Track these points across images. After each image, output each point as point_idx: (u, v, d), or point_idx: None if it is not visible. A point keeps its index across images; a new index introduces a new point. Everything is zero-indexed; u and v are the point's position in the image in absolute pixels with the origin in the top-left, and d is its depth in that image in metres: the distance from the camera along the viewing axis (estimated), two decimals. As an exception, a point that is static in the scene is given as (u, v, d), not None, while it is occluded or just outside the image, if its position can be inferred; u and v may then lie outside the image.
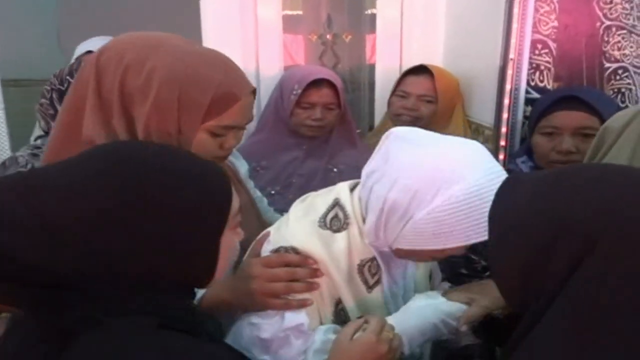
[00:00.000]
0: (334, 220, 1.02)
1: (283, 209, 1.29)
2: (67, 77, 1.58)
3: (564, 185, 0.67)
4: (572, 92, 1.49)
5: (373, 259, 1.03)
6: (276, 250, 1.02)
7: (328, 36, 2.47)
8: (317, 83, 1.75)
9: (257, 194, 1.43)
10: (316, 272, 1.00)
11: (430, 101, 1.89)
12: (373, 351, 0.91)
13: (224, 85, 1.01)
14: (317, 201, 1.08)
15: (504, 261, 0.71)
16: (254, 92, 1.09)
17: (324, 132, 1.81)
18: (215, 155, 1.07)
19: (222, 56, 1.07)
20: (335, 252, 1.00)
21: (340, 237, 1.01)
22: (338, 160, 1.81)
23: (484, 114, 1.90)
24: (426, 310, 1.01)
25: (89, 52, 1.96)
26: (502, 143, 1.77)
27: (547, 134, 1.50)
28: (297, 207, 1.09)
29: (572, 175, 0.69)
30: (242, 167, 1.39)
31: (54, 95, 1.58)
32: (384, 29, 2.27)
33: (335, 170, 1.81)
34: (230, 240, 0.83)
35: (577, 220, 0.63)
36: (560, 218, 0.64)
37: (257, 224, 1.28)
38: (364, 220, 1.01)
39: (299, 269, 1.00)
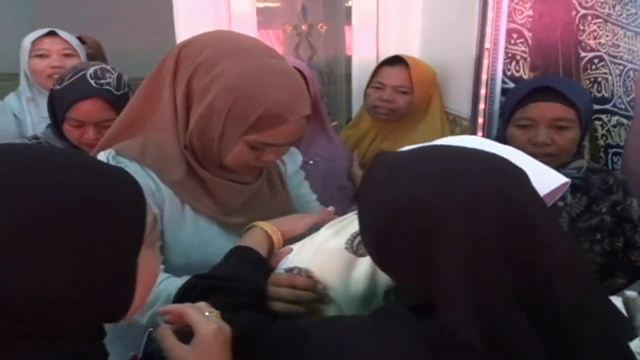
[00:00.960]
0: (361, 244, 0.95)
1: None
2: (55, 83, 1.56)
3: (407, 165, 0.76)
4: (546, 83, 1.47)
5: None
6: (290, 270, 0.98)
7: (303, 27, 2.44)
8: None
9: (300, 191, 1.37)
10: (323, 298, 0.95)
11: (406, 92, 1.87)
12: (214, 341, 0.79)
13: (277, 105, 1.01)
14: (351, 222, 1.01)
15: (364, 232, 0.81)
16: (308, 116, 1.09)
17: None
18: (249, 166, 1.10)
19: (292, 77, 1.06)
20: (354, 277, 0.94)
21: (364, 261, 0.94)
22: (313, 151, 1.78)
23: (460, 105, 1.88)
24: None
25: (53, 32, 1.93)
26: (479, 134, 1.75)
27: (522, 127, 1.48)
28: (330, 226, 1.04)
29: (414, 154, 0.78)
30: (291, 163, 1.35)
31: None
32: (360, 19, 2.24)
33: (311, 162, 1.78)
34: (149, 263, 0.66)
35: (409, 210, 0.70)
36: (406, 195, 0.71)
37: None
38: None
39: (304, 292, 0.94)
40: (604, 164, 1.81)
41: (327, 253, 0.97)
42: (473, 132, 1.75)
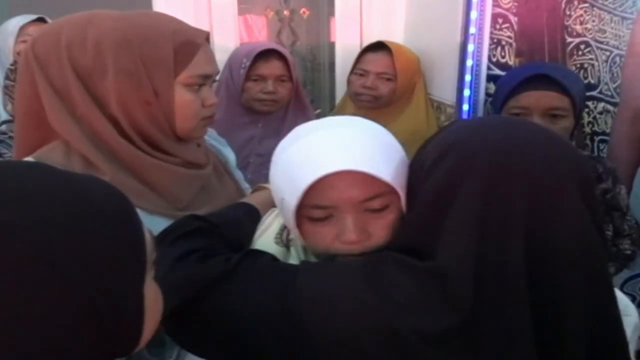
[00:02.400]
0: (289, 238, 0.93)
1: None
2: None
3: (466, 124, 0.80)
4: (540, 71, 1.43)
5: None
6: None
7: (285, 12, 2.39)
8: (266, 55, 1.70)
9: (245, 185, 1.31)
10: None
11: (390, 79, 1.84)
12: None
13: (179, 34, 0.95)
14: (275, 218, 0.99)
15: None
16: (207, 38, 1.02)
17: (278, 107, 1.76)
18: (202, 117, 1.00)
19: (158, 12, 1.02)
20: None
21: (291, 255, 0.92)
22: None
23: (445, 92, 1.85)
24: None
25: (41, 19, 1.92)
26: (464, 121, 1.72)
27: (514, 115, 1.44)
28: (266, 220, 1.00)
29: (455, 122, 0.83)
30: (230, 155, 1.29)
31: None
32: (343, 5, 2.20)
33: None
34: (154, 290, 0.60)
35: (457, 145, 0.72)
36: (447, 142, 0.74)
37: None
38: None
39: None
40: (590, 151, 1.79)
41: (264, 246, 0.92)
42: (458, 119, 1.72)
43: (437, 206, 0.71)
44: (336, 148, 0.76)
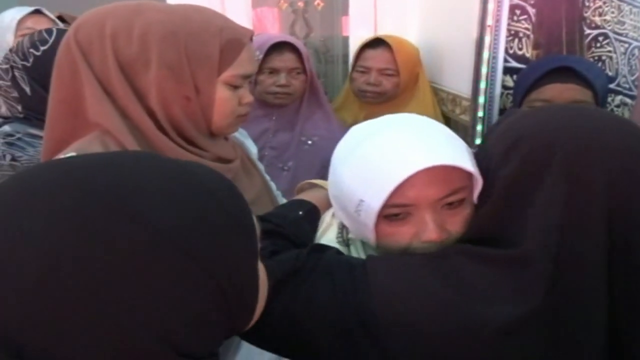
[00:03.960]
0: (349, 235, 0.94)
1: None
2: (32, 51, 1.45)
3: (532, 113, 0.78)
4: (564, 63, 1.41)
5: None
6: None
7: (299, 3, 2.38)
8: (279, 48, 1.69)
9: (267, 177, 1.32)
10: None
11: (392, 74, 1.84)
12: None
13: (227, 32, 0.94)
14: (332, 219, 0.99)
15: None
16: (251, 37, 1.02)
17: (292, 100, 1.75)
18: (238, 114, 1.00)
19: (206, 7, 0.99)
20: None
21: (354, 250, 0.93)
22: (311, 131, 1.75)
23: (460, 85, 1.84)
24: None
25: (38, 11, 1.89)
26: (480, 114, 1.70)
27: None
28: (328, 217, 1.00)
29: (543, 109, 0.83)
30: (252, 147, 1.30)
31: (18, 74, 1.44)
32: (357, -2, 2.18)
33: (309, 142, 1.74)
34: (263, 270, 0.61)
35: (532, 133, 0.72)
36: (518, 131, 0.74)
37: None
38: None
39: None
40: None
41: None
42: (474, 112, 1.70)
43: (516, 195, 0.71)
44: (417, 146, 0.76)
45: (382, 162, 0.76)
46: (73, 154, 0.91)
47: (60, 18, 2.02)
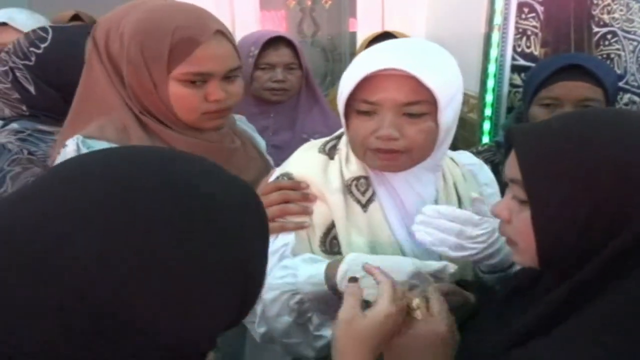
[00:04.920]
0: (332, 149, 1.06)
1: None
2: (32, 49, 1.45)
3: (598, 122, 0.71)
4: (574, 61, 1.41)
5: (360, 177, 1.02)
6: (275, 180, 1.06)
7: (307, 2, 2.38)
8: (275, 43, 1.68)
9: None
10: (308, 196, 1.02)
11: None
12: (393, 324, 0.75)
13: (180, 30, 0.99)
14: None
15: (543, 190, 0.70)
16: (223, 34, 1.04)
17: (289, 97, 1.74)
18: (203, 110, 1.04)
19: (188, 5, 1.05)
20: (329, 174, 1.03)
21: (334, 161, 1.05)
22: (311, 128, 1.74)
23: (468, 83, 1.81)
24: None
25: (3, 23, 1.76)
26: (488, 112, 1.71)
27: (545, 105, 1.41)
28: (306, 143, 1.13)
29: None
30: (261, 142, 1.33)
31: (19, 74, 1.44)
32: (365, -5, 2.19)
33: (311, 140, 1.74)
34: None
35: (616, 157, 0.66)
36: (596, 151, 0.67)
37: None
38: None
39: (291, 192, 1.02)
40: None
41: (302, 157, 1.09)
42: (481, 110, 1.71)
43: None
44: (392, 53, 0.91)
45: (359, 62, 0.93)
46: (82, 135, 1.02)
47: (77, 17, 2.01)
